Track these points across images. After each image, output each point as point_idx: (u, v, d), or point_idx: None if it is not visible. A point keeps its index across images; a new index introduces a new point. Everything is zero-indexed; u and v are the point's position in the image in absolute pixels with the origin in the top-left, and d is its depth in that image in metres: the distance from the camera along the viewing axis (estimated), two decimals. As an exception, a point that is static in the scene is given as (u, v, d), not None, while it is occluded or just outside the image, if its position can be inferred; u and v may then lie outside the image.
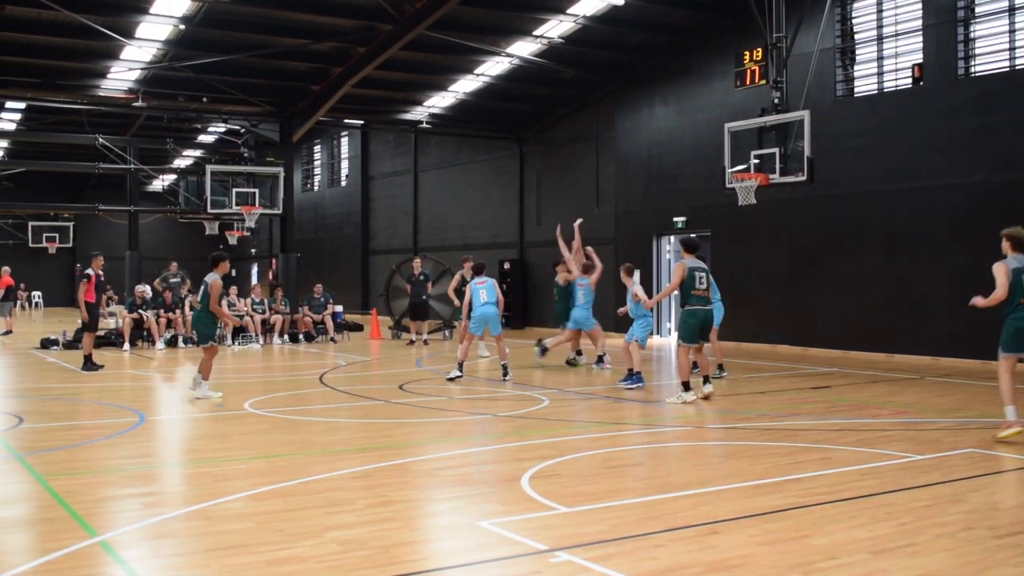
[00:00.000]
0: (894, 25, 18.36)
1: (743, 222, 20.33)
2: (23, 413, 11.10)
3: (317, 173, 40.37)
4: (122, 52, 21.64)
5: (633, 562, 5.27)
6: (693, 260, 11.86)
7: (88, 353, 16.20)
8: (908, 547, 5.56)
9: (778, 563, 5.25)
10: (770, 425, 10.19)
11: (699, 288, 11.68)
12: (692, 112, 22.43)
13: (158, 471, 8.20)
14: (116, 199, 34.25)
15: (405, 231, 33.70)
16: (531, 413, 11.00)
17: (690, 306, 11.74)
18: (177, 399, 13.09)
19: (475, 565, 5.32)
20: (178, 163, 35.95)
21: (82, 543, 5.69)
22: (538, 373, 15.45)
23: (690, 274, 11.64)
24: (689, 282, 11.63)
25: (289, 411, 11.30)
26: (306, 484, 7.31)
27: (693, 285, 11.64)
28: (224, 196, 24.92)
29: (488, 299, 14.51)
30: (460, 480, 7.56)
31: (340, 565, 5.27)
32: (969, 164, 16.92)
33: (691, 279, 11.63)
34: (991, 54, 16.95)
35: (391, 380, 14.72)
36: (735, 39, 19.99)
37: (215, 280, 12.50)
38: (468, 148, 30.70)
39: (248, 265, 47.01)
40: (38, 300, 46.02)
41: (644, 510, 6.48)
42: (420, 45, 21.22)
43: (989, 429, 9.74)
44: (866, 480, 7.36)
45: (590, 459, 8.35)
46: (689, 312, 11.77)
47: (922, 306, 17.51)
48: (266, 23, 20.25)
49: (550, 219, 27.36)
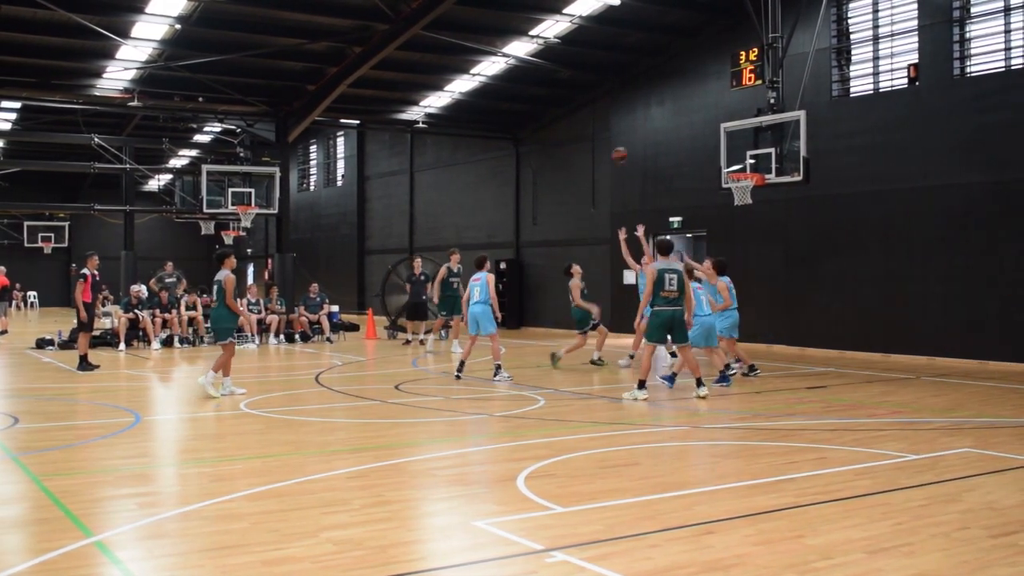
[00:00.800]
0: (890, 25, 18.38)
1: (739, 222, 20.35)
2: (19, 413, 11.08)
3: (313, 173, 40.35)
4: (118, 52, 21.61)
5: (628, 562, 5.28)
6: (665, 262, 12.06)
7: (84, 353, 16.18)
8: (903, 547, 5.57)
9: (773, 563, 5.26)
10: (766, 425, 10.19)
11: (668, 289, 11.88)
12: (688, 112, 22.45)
13: (154, 471, 8.19)
14: (112, 199, 34.26)
15: (401, 231, 33.69)
16: (527, 413, 11.00)
17: (658, 306, 12.01)
18: (173, 399, 13.08)
19: (471, 565, 5.32)
20: (174, 163, 35.93)
21: (78, 543, 5.68)
22: (533, 372, 15.44)
23: (660, 275, 11.88)
24: (658, 283, 11.88)
25: (285, 411, 11.30)
26: (302, 484, 7.31)
27: (662, 286, 11.88)
28: (220, 196, 24.91)
29: (479, 298, 14.35)
30: (456, 480, 7.56)
31: (336, 565, 5.27)
32: (964, 164, 16.95)
33: (660, 280, 11.87)
34: (986, 54, 16.97)
35: (387, 380, 14.72)
36: (731, 39, 20.01)
37: (228, 276, 12.62)
38: (464, 148, 30.70)
39: (244, 265, 46.93)
40: (34, 300, 45.95)
41: (640, 510, 6.48)
42: (416, 45, 21.21)
43: (985, 429, 9.76)
44: (861, 480, 7.37)
45: (586, 459, 8.35)
46: (655, 312, 12.07)
47: (918, 306, 17.53)
48: (262, 23, 20.24)
49: (546, 219, 27.40)
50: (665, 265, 11.97)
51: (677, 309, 11.98)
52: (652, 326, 12.13)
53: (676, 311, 11.98)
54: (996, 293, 16.31)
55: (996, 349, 16.09)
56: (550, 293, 26.99)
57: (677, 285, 11.90)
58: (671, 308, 11.94)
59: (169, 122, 28.02)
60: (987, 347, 16.23)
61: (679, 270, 12.04)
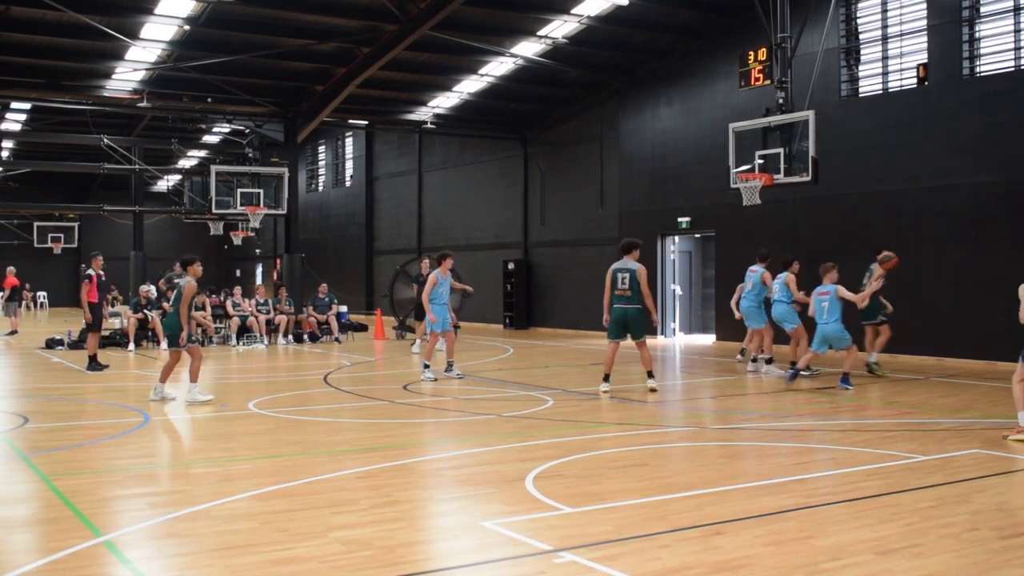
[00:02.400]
0: (899, 25, 18.33)
1: (747, 223, 20.30)
2: (28, 413, 11.12)
3: (321, 173, 40.41)
4: (127, 53, 21.68)
5: (637, 563, 5.27)
6: (621, 262, 12.63)
7: (93, 353, 16.23)
8: (913, 548, 5.55)
9: (783, 564, 5.24)
10: (775, 425, 10.18)
11: (620, 288, 12.53)
12: (696, 112, 22.41)
13: (163, 471, 8.21)
14: (121, 199, 34.40)
15: (409, 231, 33.71)
16: (535, 413, 11.00)
17: (614, 304, 12.60)
18: (182, 399, 13.10)
19: (479, 565, 5.31)
20: (183, 163, 36.04)
21: (87, 543, 5.70)
22: (541, 372, 15.44)
23: (614, 275, 12.59)
24: (612, 282, 12.59)
25: (293, 411, 11.31)
26: (310, 484, 7.32)
27: (616, 285, 12.57)
28: (229, 196, 24.98)
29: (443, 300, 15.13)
30: (464, 480, 7.56)
31: (344, 565, 5.27)
32: (974, 164, 16.89)
33: (614, 280, 12.58)
34: (996, 54, 16.91)
35: (395, 380, 14.73)
36: (739, 39, 19.98)
37: (189, 283, 12.06)
38: (472, 148, 30.71)
39: (252, 265, 47.09)
40: (43, 300, 46.13)
41: (648, 510, 6.47)
42: (424, 45, 21.23)
43: (994, 429, 9.73)
44: (871, 481, 7.35)
45: (594, 459, 8.34)
46: (612, 310, 12.68)
47: (927, 306, 17.47)
48: (270, 24, 20.27)
49: (554, 220, 27.39)
50: (620, 265, 12.57)
51: (629, 307, 12.51)
52: (610, 323, 12.71)
53: (628, 309, 12.52)
54: (1005, 293, 16.19)
55: (1005, 350, 15.96)
56: (559, 293, 26.99)
57: (630, 284, 12.44)
58: (624, 306, 12.51)
59: (178, 123, 28.09)
60: (996, 348, 16.15)
61: (632, 269, 12.48)
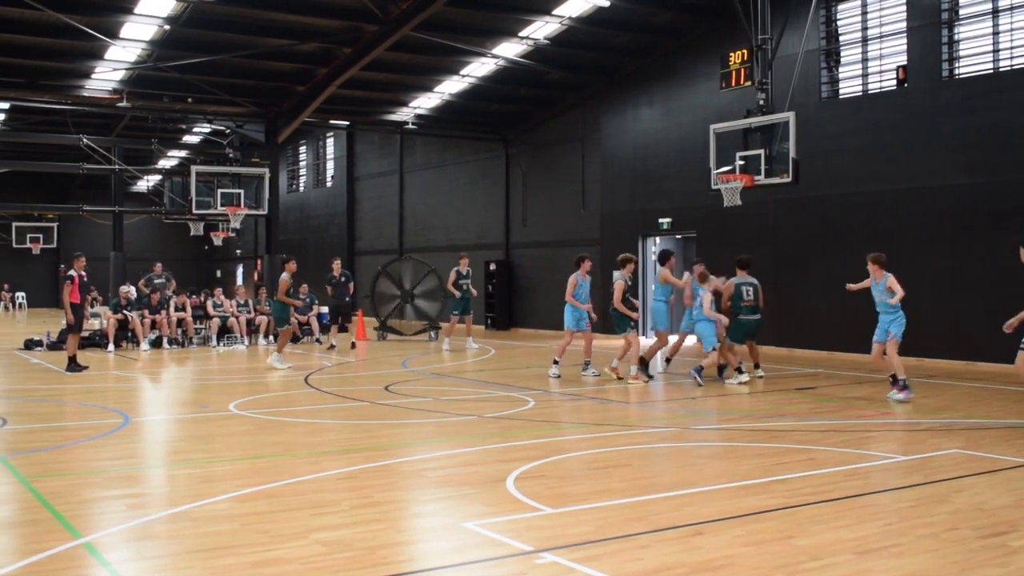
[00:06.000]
0: (879, 27, 18.43)
1: (728, 223, 20.36)
2: (7, 414, 11.02)
3: (302, 174, 40.28)
4: (106, 52, 21.54)
5: (618, 563, 5.28)
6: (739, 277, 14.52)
7: (72, 354, 16.12)
8: (892, 547, 5.59)
9: (763, 564, 5.26)
10: (755, 426, 10.21)
11: (746, 299, 14.47)
12: (677, 113, 22.48)
13: (142, 472, 8.16)
14: (101, 200, 34.13)
15: (391, 232, 33.65)
16: (517, 414, 11.00)
17: (741, 315, 14.36)
18: (162, 400, 13.05)
19: (460, 566, 5.31)
20: (163, 164, 35.83)
21: (66, 545, 5.66)
22: (523, 373, 15.44)
23: (738, 288, 14.46)
24: (737, 295, 14.46)
25: (274, 412, 11.27)
26: (291, 485, 7.30)
27: (742, 297, 14.42)
28: (209, 197, 24.86)
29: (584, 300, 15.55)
30: (445, 481, 7.56)
31: (325, 566, 5.26)
32: (953, 166, 17.01)
33: (741, 292, 14.46)
34: (975, 56, 17.03)
35: (377, 381, 14.70)
36: (720, 41, 20.03)
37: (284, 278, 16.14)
38: (454, 149, 30.69)
39: (233, 266, 46.85)
40: (22, 301, 45.75)
41: (629, 511, 6.49)
42: (406, 46, 21.19)
43: (973, 430, 9.80)
44: (851, 481, 7.39)
45: (576, 460, 8.35)
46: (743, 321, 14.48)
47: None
48: (251, 23, 20.19)
49: (536, 220, 27.41)
50: (742, 280, 14.44)
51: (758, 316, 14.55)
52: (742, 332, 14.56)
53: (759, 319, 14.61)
54: (985, 294, 16.35)
55: (984, 350, 16.13)
56: (540, 294, 26.99)
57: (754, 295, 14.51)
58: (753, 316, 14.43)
59: (158, 123, 27.93)
60: (975, 348, 16.27)
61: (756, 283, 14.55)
